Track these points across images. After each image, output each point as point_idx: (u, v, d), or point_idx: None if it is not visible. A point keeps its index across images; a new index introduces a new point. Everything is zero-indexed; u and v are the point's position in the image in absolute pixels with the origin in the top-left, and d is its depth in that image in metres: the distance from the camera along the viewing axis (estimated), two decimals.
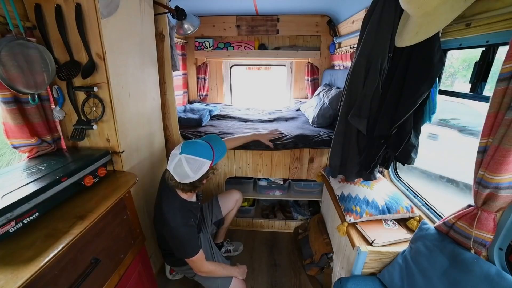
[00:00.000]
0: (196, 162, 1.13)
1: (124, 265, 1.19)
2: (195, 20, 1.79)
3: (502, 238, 0.84)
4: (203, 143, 1.21)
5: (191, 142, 1.20)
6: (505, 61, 0.71)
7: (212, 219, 1.74)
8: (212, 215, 1.74)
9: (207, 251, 1.43)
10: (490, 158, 0.77)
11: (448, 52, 1.15)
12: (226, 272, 1.41)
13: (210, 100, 3.30)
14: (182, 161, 1.12)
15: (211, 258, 1.44)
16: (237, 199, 1.85)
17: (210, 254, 1.45)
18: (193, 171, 1.13)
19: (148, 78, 1.51)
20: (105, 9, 1.07)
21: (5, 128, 1.04)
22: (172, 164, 1.14)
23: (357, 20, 1.93)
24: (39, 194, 0.85)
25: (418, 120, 1.16)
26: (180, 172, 1.13)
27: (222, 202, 1.79)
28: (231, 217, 1.87)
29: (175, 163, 1.13)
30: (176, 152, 1.15)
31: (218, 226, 1.85)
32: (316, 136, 1.91)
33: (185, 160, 1.12)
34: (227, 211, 1.81)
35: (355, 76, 1.25)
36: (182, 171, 1.12)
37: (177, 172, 1.13)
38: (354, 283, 1.12)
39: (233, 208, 1.84)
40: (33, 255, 0.72)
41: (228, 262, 1.57)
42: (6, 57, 0.89)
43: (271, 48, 2.95)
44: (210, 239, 1.50)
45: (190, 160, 1.12)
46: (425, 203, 1.38)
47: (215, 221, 1.76)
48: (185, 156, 1.12)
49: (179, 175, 1.14)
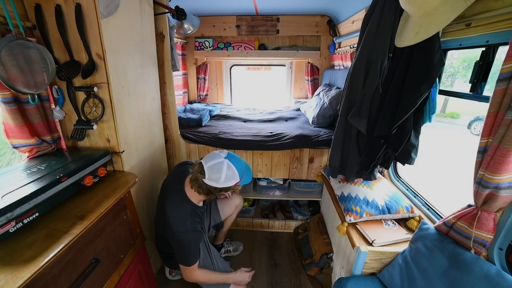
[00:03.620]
0: (233, 173, 1.14)
1: (124, 265, 1.19)
2: (195, 20, 1.79)
3: (502, 238, 0.84)
4: (245, 162, 1.25)
5: (235, 156, 1.22)
6: (505, 61, 0.71)
7: (210, 223, 1.71)
8: (211, 218, 1.71)
9: (205, 254, 1.41)
10: (490, 158, 0.77)
11: (448, 52, 1.15)
12: (221, 279, 1.39)
13: (210, 100, 3.30)
14: (223, 164, 1.13)
15: (208, 260, 1.42)
16: (237, 204, 1.81)
17: (208, 256, 1.43)
18: (225, 179, 1.13)
19: (148, 78, 1.51)
20: (105, 9, 1.07)
21: (5, 128, 1.04)
22: (211, 162, 1.13)
23: (357, 20, 1.93)
24: (39, 194, 0.85)
25: (418, 120, 1.16)
26: (214, 172, 1.12)
27: (222, 207, 1.76)
28: (231, 221, 1.85)
29: (215, 162, 1.13)
30: (221, 154, 1.16)
31: (217, 229, 1.82)
32: (316, 136, 1.91)
33: (226, 166, 1.13)
34: (226, 216, 1.78)
35: (355, 76, 1.25)
36: (217, 172, 1.12)
37: (211, 170, 1.12)
38: (354, 283, 1.12)
39: (233, 213, 1.81)
40: (33, 255, 0.72)
41: (228, 263, 1.57)
42: (6, 57, 0.89)
43: (271, 48, 2.95)
44: (208, 242, 1.48)
45: (230, 168, 1.13)
46: (425, 203, 1.38)
47: (214, 225, 1.74)
48: (228, 163, 1.14)
49: (210, 175, 1.12)
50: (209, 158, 1.16)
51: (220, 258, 1.54)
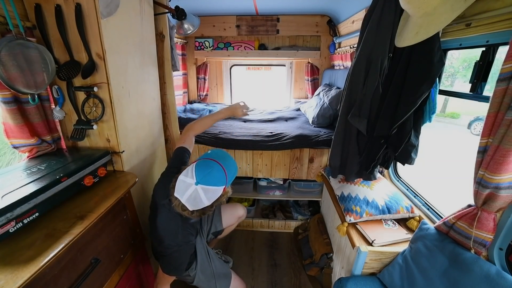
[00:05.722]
0: (213, 191, 1.04)
1: (124, 265, 1.19)
2: (195, 20, 1.79)
3: (502, 238, 0.84)
4: (218, 168, 1.07)
5: (205, 168, 1.05)
6: (505, 61, 0.71)
7: (210, 228, 1.64)
8: (211, 224, 1.64)
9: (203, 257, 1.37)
10: (490, 158, 0.77)
11: (448, 52, 1.15)
12: None
13: (210, 100, 3.30)
14: (198, 192, 1.02)
15: (207, 263, 1.38)
16: (240, 216, 1.75)
17: (206, 259, 1.39)
18: (208, 200, 1.04)
19: (148, 78, 1.51)
20: (105, 9, 1.07)
21: (5, 128, 1.04)
22: (185, 195, 1.01)
23: (357, 20, 1.93)
24: (39, 194, 0.85)
25: (418, 120, 1.16)
26: (195, 203, 1.03)
27: (224, 214, 1.69)
28: (229, 230, 1.78)
29: (189, 194, 1.01)
30: (189, 182, 1.01)
31: (216, 236, 1.74)
32: (316, 136, 1.91)
33: (202, 191, 1.01)
34: (227, 225, 1.71)
35: (355, 76, 1.25)
36: (197, 200, 1.03)
37: (190, 202, 1.03)
38: (354, 283, 1.12)
39: (234, 223, 1.76)
40: (33, 255, 0.72)
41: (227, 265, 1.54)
42: (6, 57, 0.89)
43: (271, 48, 2.95)
44: (206, 246, 1.43)
45: (207, 190, 1.02)
46: (425, 203, 1.38)
47: (214, 232, 1.67)
48: (202, 187, 1.01)
49: (193, 205, 1.04)
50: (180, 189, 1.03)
51: (218, 260, 1.49)
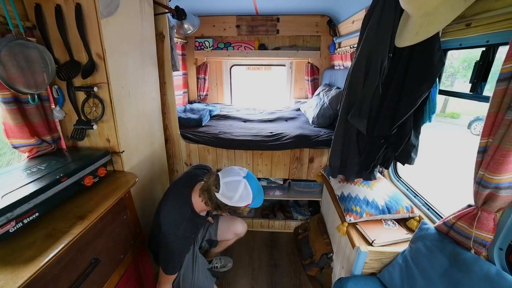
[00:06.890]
0: (247, 194, 1.09)
1: (124, 265, 1.19)
2: (195, 20, 1.79)
3: (502, 238, 0.84)
4: (260, 185, 1.18)
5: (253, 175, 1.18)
6: (505, 61, 0.71)
7: (205, 236, 1.62)
8: (207, 232, 1.63)
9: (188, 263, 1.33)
10: (490, 158, 0.77)
11: (448, 52, 1.15)
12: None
13: (210, 100, 3.30)
14: (241, 183, 1.08)
15: (189, 271, 1.34)
16: (238, 233, 1.68)
17: (191, 266, 1.35)
18: (238, 199, 1.08)
19: (148, 78, 1.51)
20: (105, 9, 1.07)
21: (5, 128, 1.04)
22: (229, 178, 1.09)
23: (357, 20, 1.93)
24: (39, 194, 0.85)
25: (418, 120, 1.16)
26: (229, 190, 1.08)
27: (222, 225, 1.65)
28: (225, 246, 1.75)
29: (233, 179, 1.08)
30: (240, 172, 1.12)
31: (210, 245, 1.71)
32: (316, 136, 1.91)
33: (244, 186, 1.08)
34: (223, 239, 1.68)
35: (355, 76, 1.25)
36: (232, 190, 1.08)
37: (227, 186, 1.08)
38: (354, 283, 1.12)
39: (231, 239, 1.71)
40: (33, 255, 0.72)
41: (213, 280, 1.50)
42: (6, 57, 0.89)
43: (271, 48, 2.95)
44: (197, 253, 1.40)
45: (247, 188, 1.09)
46: (425, 203, 1.38)
47: (208, 239, 1.65)
48: (246, 183, 1.09)
49: (225, 191, 1.08)
50: (227, 173, 1.12)
51: (205, 272, 1.45)
